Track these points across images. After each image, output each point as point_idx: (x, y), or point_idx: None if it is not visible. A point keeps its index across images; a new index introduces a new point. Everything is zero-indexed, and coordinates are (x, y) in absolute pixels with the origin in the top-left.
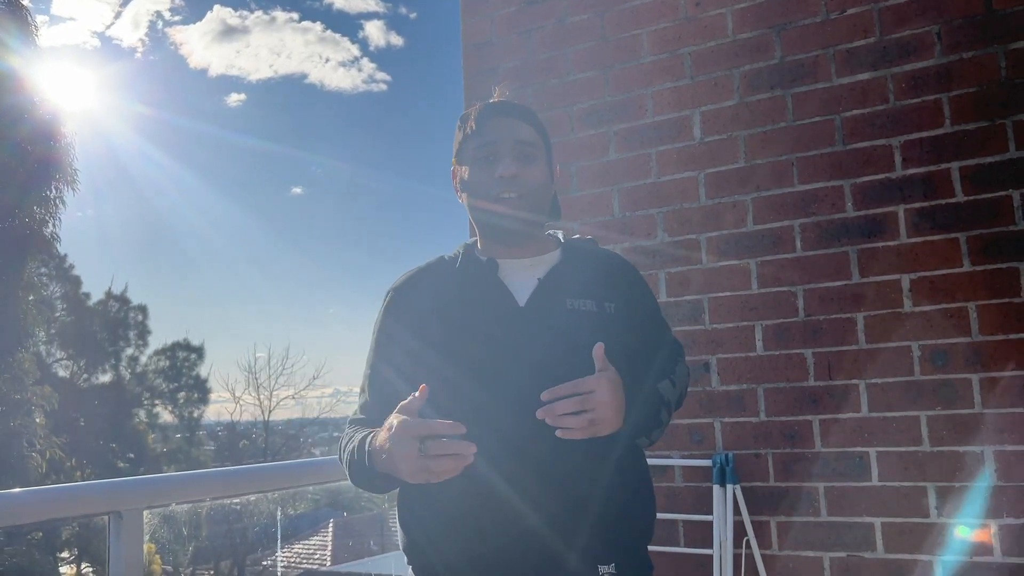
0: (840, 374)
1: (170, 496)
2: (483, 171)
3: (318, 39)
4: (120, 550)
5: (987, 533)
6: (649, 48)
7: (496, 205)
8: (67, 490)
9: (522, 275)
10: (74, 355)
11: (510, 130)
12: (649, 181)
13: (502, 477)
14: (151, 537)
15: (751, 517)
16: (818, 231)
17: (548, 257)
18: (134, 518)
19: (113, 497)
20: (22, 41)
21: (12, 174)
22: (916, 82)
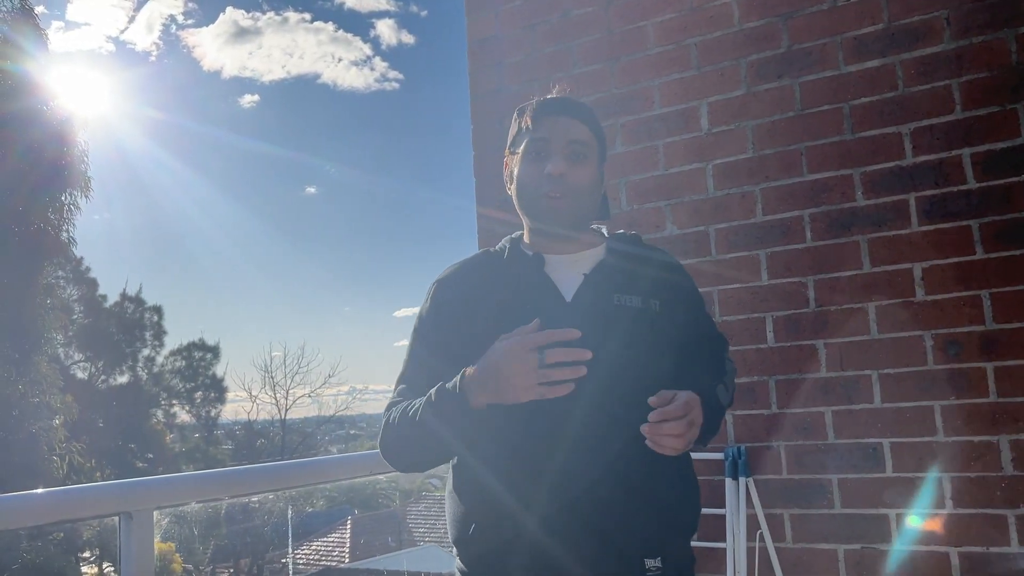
0: (852, 365)
1: (179, 496)
2: (533, 167)
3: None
4: (131, 550)
5: (1003, 523)
6: (655, 39)
7: (541, 202)
8: (77, 492)
9: (568, 270)
10: (92, 357)
11: (564, 128)
12: (656, 173)
13: (556, 465)
14: (170, 536)
15: (764, 510)
16: (828, 221)
17: (593, 252)
18: (144, 518)
19: (122, 498)
20: (34, 45)
21: (24, 177)
22: (925, 68)
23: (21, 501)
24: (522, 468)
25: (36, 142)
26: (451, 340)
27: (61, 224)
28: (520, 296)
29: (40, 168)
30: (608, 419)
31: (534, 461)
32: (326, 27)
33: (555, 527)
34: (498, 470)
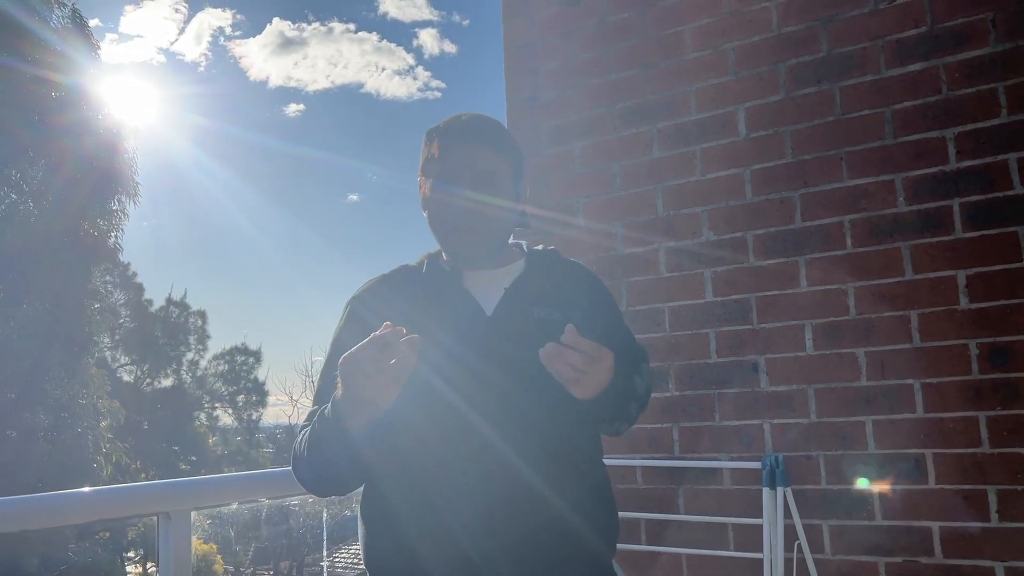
0: (894, 374)
1: (216, 497)
2: (443, 198)
3: (374, 49)
4: (169, 550)
5: None
6: (692, 45)
7: (453, 236)
8: (117, 491)
9: (488, 284)
10: (137, 360)
11: (472, 158)
12: (693, 179)
13: (473, 482)
14: (212, 538)
15: (802, 520)
16: (869, 227)
17: (513, 267)
18: (182, 519)
19: (162, 498)
20: (86, 58)
21: (77, 186)
22: (970, 71)
23: (65, 500)
24: (432, 487)
25: (89, 151)
26: None
27: (110, 230)
28: (440, 311)
29: (92, 176)
30: (529, 432)
31: (457, 483)
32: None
33: (464, 549)
34: (403, 491)
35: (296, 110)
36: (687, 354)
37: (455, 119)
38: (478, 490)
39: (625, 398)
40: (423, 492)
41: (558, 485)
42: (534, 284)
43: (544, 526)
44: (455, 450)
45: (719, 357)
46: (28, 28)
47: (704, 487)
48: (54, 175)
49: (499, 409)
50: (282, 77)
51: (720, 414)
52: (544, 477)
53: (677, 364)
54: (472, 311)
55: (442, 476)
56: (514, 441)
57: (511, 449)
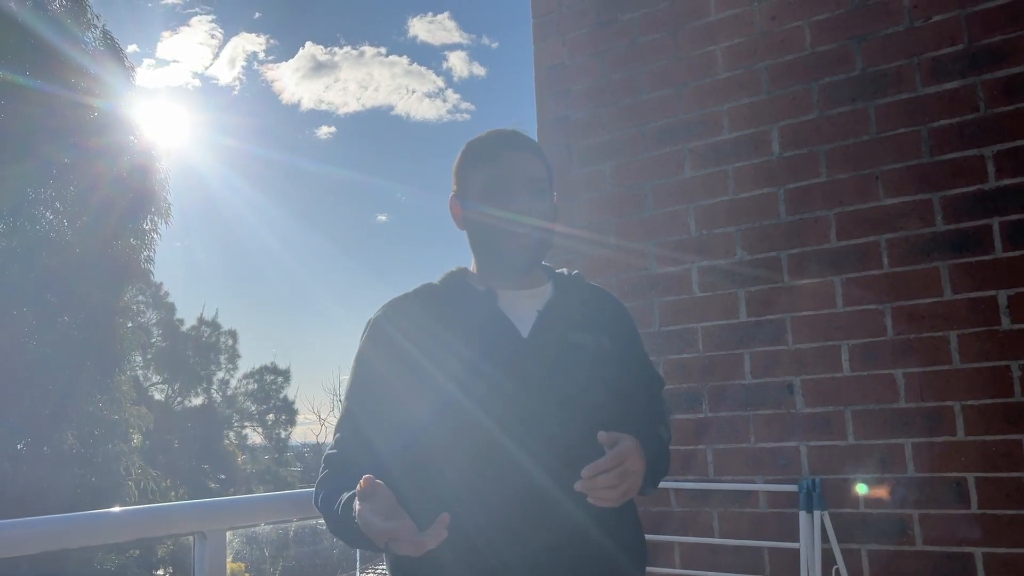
0: (933, 395)
1: (252, 517)
2: (496, 204)
3: (404, 72)
4: (204, 568)
5: None
6: (724, 64)
7: (508, 242)
8: (155, 511)
9: (520, 306)
10: (169, 379)
11: (523, 164)
12: (726, 198)
13: (503, 504)
14: (241, 557)
15: (840, 545)
16: (906, 246)
17: (542, 289)
18: (218, 538)
19: (198, 518)
20: (121, 82)
21: (112, 206)
22: (1009, 89)
23: (103, 519)
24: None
25: (123, 173)
26: (394, 382)
27: (142, 249)
28: (475, 332)
29: (126, 197)
30: (559, 455)
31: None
32: (400, 60)
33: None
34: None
35: (327, 132)
36: (721, 375)
37: (495, 131)
38: (507, 511)
39: (663, 460)
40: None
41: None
42: (566, 308)
43: (571, 546)
44: (485, 472)
45: (753, 378)
46: (64, 52)
47: (739, 510)
48: (89, 196)
49: (530, 431)
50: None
51: (755, 436)
52: (572, 499)
53: (711, 385)
54: (508, 333)
55: (471, 497)
56: (545, 464)
57: (542, 472)
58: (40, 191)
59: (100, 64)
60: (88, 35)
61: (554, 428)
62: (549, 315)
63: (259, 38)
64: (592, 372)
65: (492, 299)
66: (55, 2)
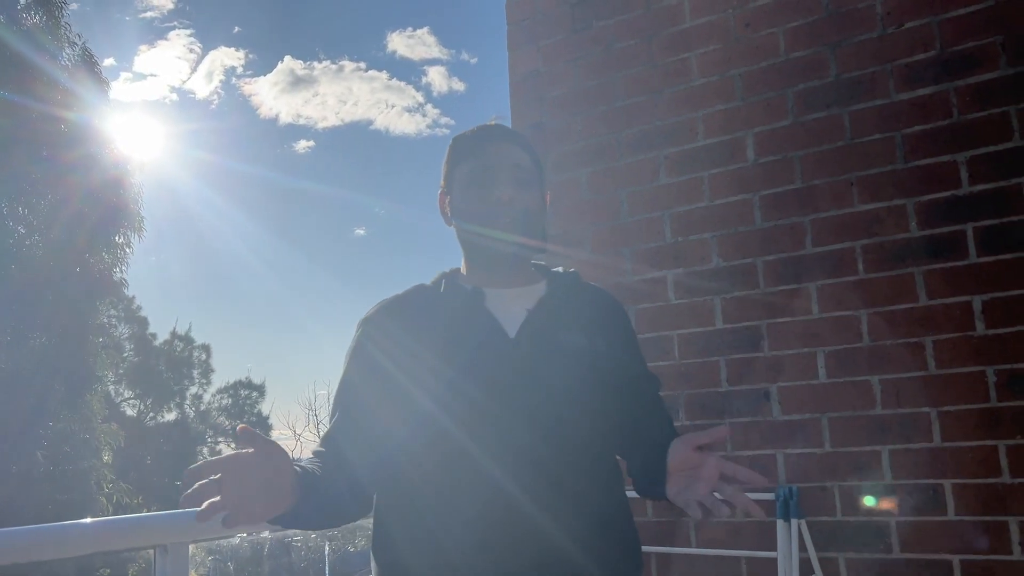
0: (909, 402)
1: (215, 530)
2: (478, 195)
3: (384, 87)
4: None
5: None
6: (699, 71)
7: (492, 230)
8: (114, 523)
9: (510, 305)
10: (141, 394)
11: (507, 155)
12: (702, 205)
13: (497, 517)
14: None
15: (818, 553)
16: (881, 252)
17: (535, 288)
18: (179, 551)
19: (158, 530)
20: (96, 95)
21: (84, 220)
22: (981, 95)
23: (61, 532)
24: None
25: (96, 187)
26: (383, 382)
27: (114, 264)
28: (460, 332)
29: (98, 211)
30: (553, 455)
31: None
32: (380, 75)
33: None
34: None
35: (306, 146)
36: (697, 383)
37: (482, 126)
38: (481, 525)
39: None
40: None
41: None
42: (558, 307)
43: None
44: (459, 485)
45: (730, 385)
46: (38, 66)
47: (716, 519)
48: (60, 210)
49: (506, 443)
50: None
51: (732, 444)
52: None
53: (687, 393)
54: (495, 333)
55: (446, 511)
56: (521, 478)
57: (516, 485)
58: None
59: (74, 77)
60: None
61: (535, 441)
62: (540, 314)
63: (238, 52)
64: (582, 372)
65: (479, 298)
66: (29, 17)
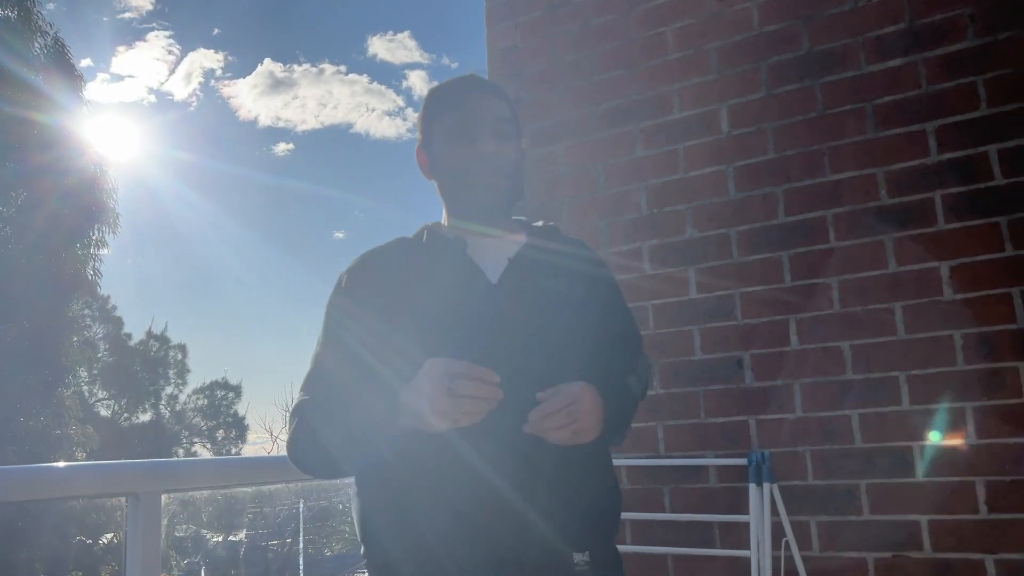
0: (879, 366)
1: (189, 480)
2: (461, 148)
3: (364, 90)
4: (137, 533)
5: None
6: (674, 45)
7: (476, 183)
8: (85, 468)
9: (491, 254)
10: (115, 395)
11: (488, 106)
12: (677, 177)
13: (484, 462)
14: None
15: (790, 517)
16: (852, 221)
17: (516, 238)
18: (152, 501)
19: (130, 478)
20: (69, 96)
21: (59, 221)
22: (949, 66)
23: (31, 474)
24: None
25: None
26: (366, 331)
27: (88, 259)
28: (444, 279)
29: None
30: (530, 404)
31: (452, 451)
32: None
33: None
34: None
35: (285, 149)
36: (672, 352)
37: (459, 77)
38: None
39: (627, 410)
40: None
41: (563, 462)
42: (539, 256)
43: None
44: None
45: (704, 354)
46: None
47: (690, 486)
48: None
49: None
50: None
51: (705, 411)
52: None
53: (662, 362)
54: (477, 279)
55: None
56: (514, 415)
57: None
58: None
59: (47, 79)
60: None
61: (520, 376)
62: (521, 262)
63: (217, 54)
64: (562, 319)
65: (462, 247)
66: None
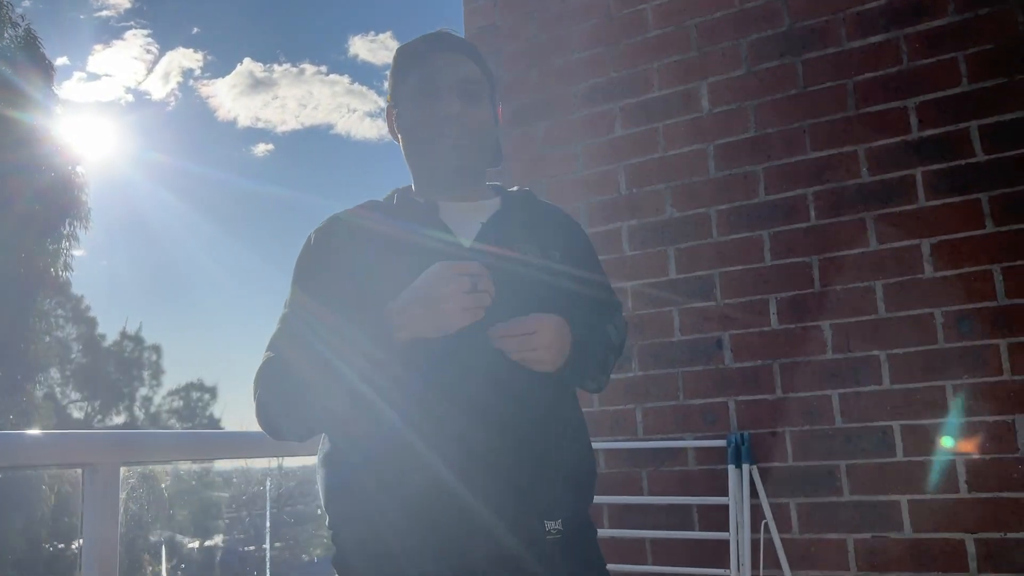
0: (860, 346)
1: (148, 453)
2: (423, 108)
3: (345, 91)
4: (94, 505)
5: (1021, 507)
6: (654, 22)
7: (438, 147)
8: (40, 437)
9: (464, 218)
10: (89, 396)
11: (454, 66)
12: (656, 156)
13: (455, 428)
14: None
15: (769, 499)
16: (833, 198)
17: (489, 203)
18: (110, 472)
19: (87, 449)
20: (43, 91)
21: (31, 220)
22: (930, 42)
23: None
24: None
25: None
26: (335, 290)
27: (59, 254)
28: (415, 243)
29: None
30: (505, 367)
31: (429, 420)
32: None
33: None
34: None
35: (265, 150)
36: (651, 333)
37: (428, 34)
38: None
39: (602, 350)
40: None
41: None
42: (512, 220)
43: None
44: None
45: (683, 335)
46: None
47: (668, 469)
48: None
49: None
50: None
51: (684, 393)
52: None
53: (640, 344)
54: (450, 244)
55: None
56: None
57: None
58: None
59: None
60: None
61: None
62: (494, 227)
63: (196, 54)
64: (537, 284)
65: (433, 211)
66: None
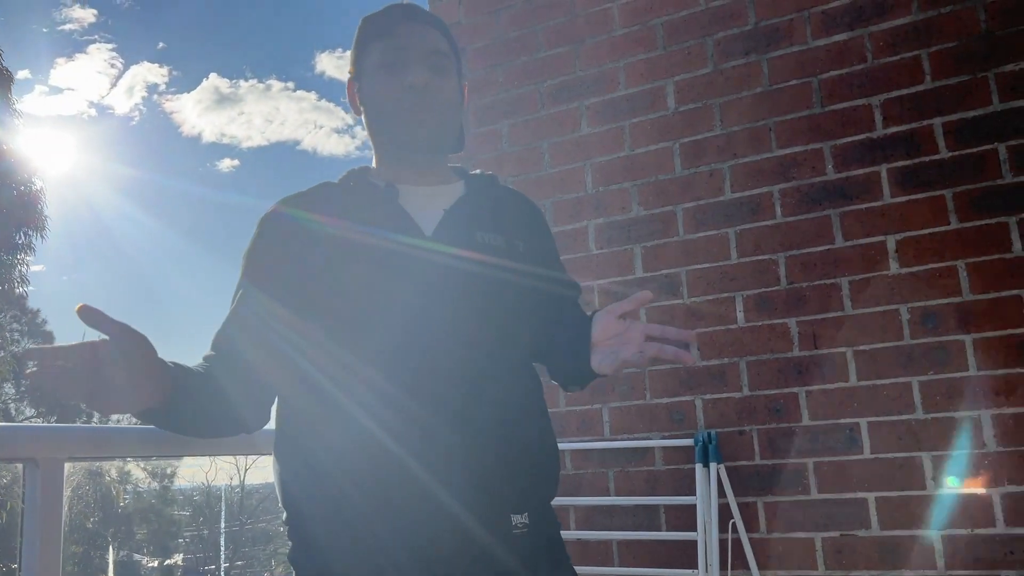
0: (826, 342)
1: (94, 448)
2: (389, 79)
3: (312, 107)
4: (36, 503)
5: (987, 503)
6: (620, 21)
7: (403, 117)
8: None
9: (425, 203)
10: (44, 413)
11: (422, 37)
12: (623, 154)
13: (414, 422)
14: None
15: (737, 498)
16: (798, 196)
17: (452, 188)
18: (53, 468)
19: (29, 443)
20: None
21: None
22: (894, 40)
23: None
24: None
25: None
26: (286, 280)
27: (14, 265)
28: (372, 229)
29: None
30: (472, 356)
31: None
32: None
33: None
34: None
35: (230, 165)
36: None
37: (394, 4)
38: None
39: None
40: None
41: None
42: (476, 207)
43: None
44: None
45: None
46: None
47: (635, 469)
48: None
49: (440, 340)
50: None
51: (651, 392)
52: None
53: None
54: (410, 231)
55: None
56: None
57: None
58: None
59: None
60: None
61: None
62: (457, 213)
63: (161, 68)
64: (501, 273)
65: (392, 195)
66: None
